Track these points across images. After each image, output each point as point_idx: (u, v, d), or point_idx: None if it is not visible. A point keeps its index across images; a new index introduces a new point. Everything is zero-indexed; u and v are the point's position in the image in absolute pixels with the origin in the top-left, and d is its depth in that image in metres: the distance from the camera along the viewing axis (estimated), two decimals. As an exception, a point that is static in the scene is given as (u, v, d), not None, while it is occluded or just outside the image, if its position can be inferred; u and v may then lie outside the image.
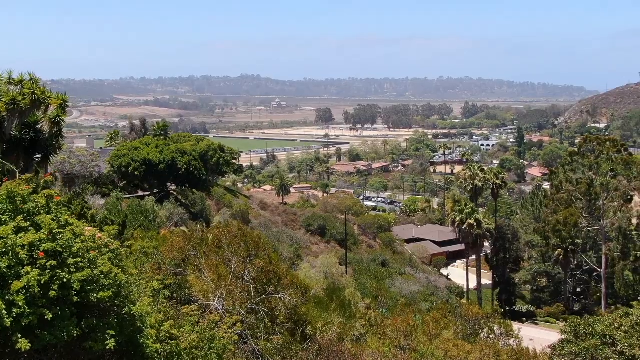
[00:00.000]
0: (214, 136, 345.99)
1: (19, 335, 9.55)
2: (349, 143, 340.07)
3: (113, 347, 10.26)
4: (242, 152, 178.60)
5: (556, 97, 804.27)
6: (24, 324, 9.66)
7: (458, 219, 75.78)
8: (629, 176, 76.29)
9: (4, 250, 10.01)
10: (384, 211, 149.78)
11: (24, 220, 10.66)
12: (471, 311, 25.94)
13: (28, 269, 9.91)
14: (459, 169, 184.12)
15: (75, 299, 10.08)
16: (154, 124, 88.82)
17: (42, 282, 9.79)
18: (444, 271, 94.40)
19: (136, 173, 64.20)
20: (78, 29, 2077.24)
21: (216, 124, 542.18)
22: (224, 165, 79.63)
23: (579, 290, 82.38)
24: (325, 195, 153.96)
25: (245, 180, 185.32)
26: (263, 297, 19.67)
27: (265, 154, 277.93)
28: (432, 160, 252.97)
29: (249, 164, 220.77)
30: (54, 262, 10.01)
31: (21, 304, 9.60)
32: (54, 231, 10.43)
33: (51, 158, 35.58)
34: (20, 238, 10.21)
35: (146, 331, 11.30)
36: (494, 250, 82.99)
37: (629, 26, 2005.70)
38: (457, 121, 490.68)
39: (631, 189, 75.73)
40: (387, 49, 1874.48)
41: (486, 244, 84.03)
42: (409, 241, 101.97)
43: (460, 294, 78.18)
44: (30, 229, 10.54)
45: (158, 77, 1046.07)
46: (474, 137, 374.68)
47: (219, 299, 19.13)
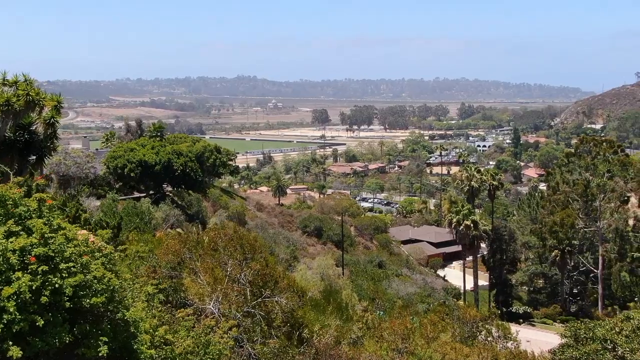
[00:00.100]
0: (210, 137, 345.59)
1: (10, 343, 9.35)
2: (345, 144, 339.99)
3: (106, 354, 10.06)
4: (238, 153, 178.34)
5: (552, 98, 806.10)
6: (14, 330, 9.46)
7: (455, 220, 75.61)
8: (625, 177, 76.25)
9: (-6, 255, 9.83)
10: (381, 212, 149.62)
11: (15, 224, 10.46)
12: (469, 314, 25.77)
13: (19, 274, 9.71)
14: (455, 170, 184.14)
15: (68, 304, 9.88)
16: (150, 125, 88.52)
17: (33, 288, 9.59)
18: (440, 272, 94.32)
19: (132, 174, 63.93)
20: (74, 30, 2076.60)
21: (212, 125, 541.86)
22: (220, 167, 79.38)
23: (575, 291, 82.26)
24: (321, 196, 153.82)
25: (242, 182, 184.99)
26: (259, 300, 19.47)
27: (262, 155, 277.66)
28: (428, 161, 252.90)
29: (245, 165, 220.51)
30: (45, 267, 9.81)
31: (12, 310, 9.40)
32: (45, 235, 10.22)
33: (46, 159, 35.38)
34: (11, 242, 10.01)
35: (140, 337, 11.11)
36: (491, 252, 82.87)
37: (624, 27, 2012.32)
38: (453, 122, 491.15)
39: (628, 190, 75.71)
40: (384, 49, 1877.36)
41: (483, 245, 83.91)
42: (405, 242, 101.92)
43: (457, 295, 78.01)
44: (21, 233, 10.35)
45: (154, 78, 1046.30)
46: (470, 138, 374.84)
47: (214, 302, 18.92)
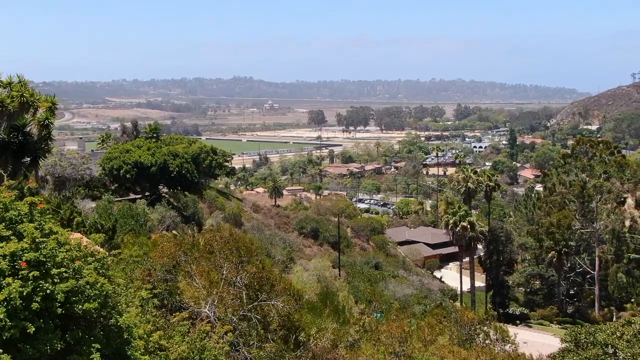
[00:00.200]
0: (206, 138, 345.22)
1: (0, 350, 9.16)
2: (341, 145, 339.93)
3: (99, 360, 9.87)
4: (234, 154, 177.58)
5: (548, 99, 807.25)
6: (5, 337, 9.24)
7: (451, 221, 75.50)
8: (622, 178, 76.30)
9: (-16, 260, 9.61)
10: (377, 213, 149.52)
11: (5, 228, 10.26)
12: (466, 316, 25.61)
13: (9, 280, 9.50)
14: (451, 170, 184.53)
15: (59, 310, 9.67)
16: (146, 126, 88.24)
17: (24, 294, 9.38)
18: (437, 274, 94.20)
19: (128, 176, 63.74)
20: (70, 31, 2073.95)
21: (208, 126, 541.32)
22: (216, 168, 79.23)
23: (572, 292, 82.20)
24: (317, 197, 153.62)
25: (238, 183, 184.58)
26: (255, 303, 19.28)
27: (258, 156, 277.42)
28: (424, 162, 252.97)
29: (241, 166, 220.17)
30: (36, 273, 9.61)
31: (2, 316, 9.19)
32: (37, 240, 10.01)
33: (41, 161, 35.09)
34: (2, 248, 9.81)
35: (134, 342, 10.91)
36: (487, 253, 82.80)
37: (620, 29, 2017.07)
38: (449, 123, 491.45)
39: (624, 191, 75.75)
40: (380, 50, 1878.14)
41: (479, 246, 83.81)
42: (402, 243, 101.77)
43: (453, 296, 77.88)
44: (12, 238, 10.13)
45: (150, 79, 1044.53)
46: (467, 139, 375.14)
47: (210, 306, 18.73)
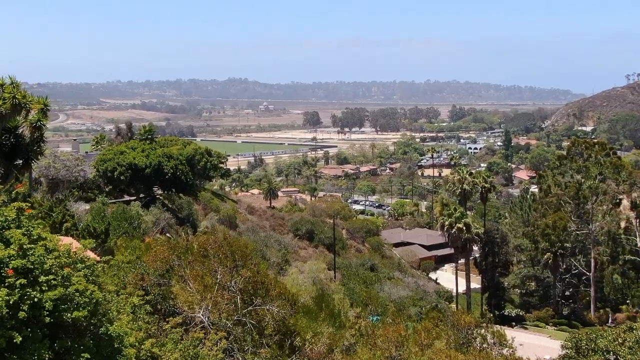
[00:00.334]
0: (201, 140, 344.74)
1: (-14, 361, 8.90)
2: (336, 146, 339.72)
3: (88, 370, 9.58)
4: (229, 155, 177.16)
5: (543, 100, 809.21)
6: (-9, 347, 8.98)
7: (447, 223, 75.26)
8: (617, 179, 76.28)
9: (-31, 268, 9.33)
10: (372, 215, 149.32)
11: (-9, 235, 9.98)
12: (463, 320, 25.38)
13: (-4, 288, 9.23)
14: (446, 172, 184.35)
15: (48, 319, 9.40)
16: (141, 128, 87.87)
17: (10, 302, 9.11)
18: (432, 275, 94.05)
19: (122, 177, 63.40)
20: (66, 32, 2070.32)
21: (204, 128, 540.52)
22: (211, 170, 78.97)
23: (567, 294, 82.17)
24: (313, 199, 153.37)
25: (233, 184, 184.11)
26: (250, 308, 19.02)
27: (253, 158, 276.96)
28: (419, 164, 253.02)
29: (236, 167, 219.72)
30: (24, 281, 9.33)
31: (-13, 326, 8.93)
32: (24, 247, 9.74)
33: (33, 163, 34.73)
34: (-12, 255, 9.53)
35: (125, 351, 10.63)
36: (483, 254, 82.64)
37: (615, 30, 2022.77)
38: (444, 124, 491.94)
39: (620, 192, 75.71)
40: (375, 52, 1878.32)
41: (475, 247, 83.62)
42: (397, 245, 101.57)
43: (449, 298, 77.73)
44: (-2, 244, 9.86)
45: (145, 81, 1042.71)
46: (462, 140, 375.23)
47: (204, 311, 18.47)
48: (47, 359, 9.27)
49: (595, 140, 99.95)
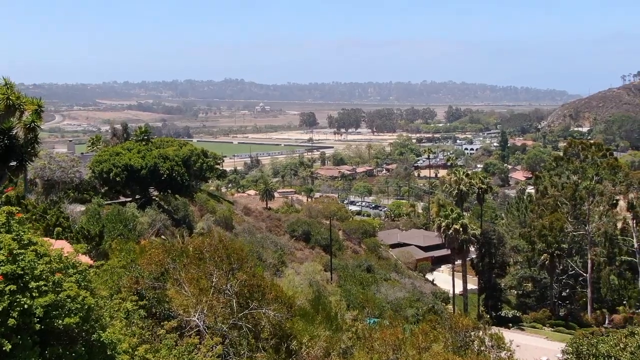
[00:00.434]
0: (197, 140, 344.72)
1: (-25, 369, 8.68)
2: (333, 147, 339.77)
3: (80, 378, 9.37)
4: (225, 156, 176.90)
5: (539, 101, 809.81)
6: (-21, 355, 8.77)
7: (444, 224, 75.09)
8: (614, 180, 76.20)
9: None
10: (369, 216, 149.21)
11: (-20, 240, 9.75)
12: (461, 322, 25.20)
13: (-16, 294, 9.01)
14: (443, 173, 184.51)
15: (38, 326, 9.18)
16: (137, 129, 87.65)
17: (0, 309, 8.89)
18: (429, 276, 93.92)
19: (118, 179, 63.18)
20: (61, 33, 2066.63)
21: (200, 129, 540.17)
22: (207, 171, 78.80)
23: (564, 295, 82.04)
24: (309, 200, 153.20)
25: (229, 185, 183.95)
26: (246, 312, 18.81)
27: (249, 159, 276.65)
28: (416, 165, 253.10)
29: (232, 168, 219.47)
30: (13, 287, 9.11)
31: (-24, 333, 8.71)
32: (14, 252, 9.51)
33: (28, 165, 34.48)
34: (-24, 260, 9.31)
35: (118, 358, 10.41)
36: (480, 255, 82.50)
37: (611, 31, 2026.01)
38: (440, 125, 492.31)
39: (616, 193, 75.65)
40: (371, 53, 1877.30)
41: (472, 248, 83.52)
42: (393, 246, 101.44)
43: (445, 299, 77.64)
44: (-13, 250, 9.63)
45: (141, 82, 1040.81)
46: (458, 141, 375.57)
47: (199, 315, 18.26)
48: (37, 366, 9.06)
49: (592, 141, 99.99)
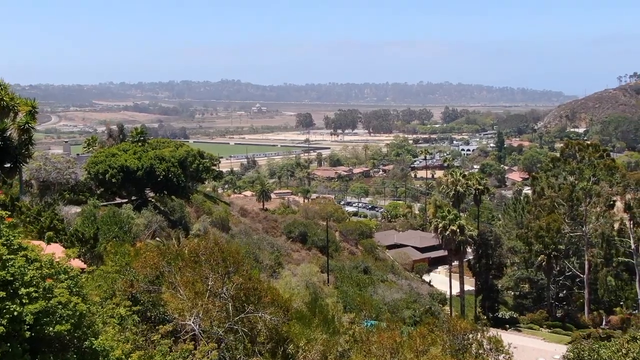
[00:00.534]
0: (194, 141, 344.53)
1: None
2: (329, 148, 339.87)
3: (72, 386, 9.14)
4: (222, 157, 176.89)
5: (535, 102, 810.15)
6: (-33, 364, 8.54)
7: (441, 225, 74.90)
8: (611, 181, 76.12)
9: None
10: (365, 217, 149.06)
11: (-31, 245, 9.51)
12: (459, 325, 25.00)
13: (-27, 301, 8.76)
14: (439, 173, 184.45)
15: (28, 333, 8.93)
16: (132, 130, 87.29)
17: (-12, 317, 8.67)
18: (426, 277, 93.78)
19: (113, 180, 62.80)
20: (57, 34, 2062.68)
21: (196, 129, 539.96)
22: (203, 172, 78.51)
23: (561, 296, 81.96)
24: (306, 201, 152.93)
25: (226, 186, 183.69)
26: (242, 315, 18.59)
27: (246, 159, 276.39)
28: (412, 165, 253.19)
29: (229, 169, 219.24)
30: (3, 293, 8.88)
31: (-36, 341, 8.47)
32: (3, 257, 9.27)
33: (23, 166, 34.16)
34: (-36, 266, 9.07)
35: (111, 365, 10.17)
36: (477, 257, 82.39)
37: (607, 32, 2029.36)
38: (437, 126, 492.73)
39: (613, 194, 75.55)
40: (367, 54, 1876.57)
41: (469, 249, 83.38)
42: (390, 247, 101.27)
43: (442, 300, 77.51)
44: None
45: (137, 82, 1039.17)
46: (454, 141, 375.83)
47: (195, 318, 18.04)
48: (27, 375, 8.82)
49: (589, 142, 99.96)
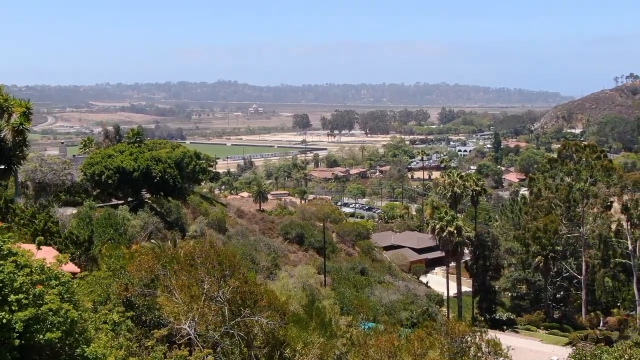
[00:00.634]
0: (190, 142, 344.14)
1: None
2: (326, 149, 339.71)
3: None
4: (219, 158, 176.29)
5: (532, 102, 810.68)
6: (-45, 373, 8.28)
7: (438, 226, 74.77)
8: (608, 182, 76.04)
9: None
10: (362, 217, 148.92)
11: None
12: (457, 328, 24.80)
13: (-39, 308, 8.51)
14: (436, 174, 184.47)
15: (18, 342, 8.67)
16: (129, 131, 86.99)
17: (-24, 324, 8.42)
18: (423, 278, 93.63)
19: (110, 181, 62.57)
20: (53, 34, 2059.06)
21: (193, 130, 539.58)
22: (199, 173, 78.21)
23: (558, 297, 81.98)
24: (303, 201, 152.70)
25: (222, 187, 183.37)
26: (238, 319, 18.37)
27: (243, 160, 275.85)
28: (409, 166, 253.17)
29: (225, 170, 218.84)
30: (-9, 300, 8.64)
31: (-49, 350, 8.22)
32: (-8, 263, 9.04)
33: (18, 167, 33.86)
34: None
35: (104, 372, 9.93)
36: (474, 258, 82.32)
37: (603, 33, 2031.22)
38: (434, 127, 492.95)
39: (611, 195, 75.49)
40: (364, 54, 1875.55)
41: (466, 250, 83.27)
42: (387, 248, 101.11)
43: (440, 302, 77.39)
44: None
45: (134, 83, 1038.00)
46: (451, 142, 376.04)
47: (190, 322, 17.81)
48: (17, 384, 8.58)
49: (586, 143, 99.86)
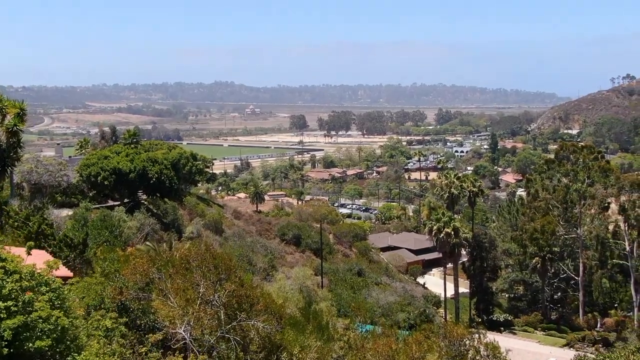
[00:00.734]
0: (187, 143, 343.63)
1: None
2: (323, 150, 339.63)
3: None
4: (215, 159, 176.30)
5: (528, 103, 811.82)
6: (-59, 383, 8.05)
7: (435, 227, 74.62)
8: (605, 183, 75.91)
9: None
10: (359, 218, 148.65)
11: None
12: (456, 331, 24.61)
13: (-53, 316, 8.28)
14: (433, 175, 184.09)
15: (6, 350, 8.43)
16: (125, 132, 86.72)
17: (-36, 333, 8.18)
18: (420, 280, 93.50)
19: (106, 182, 62.35)
20: (50, 35, 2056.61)
21: (190, 131, 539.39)
22: (196, 174, 78.11)
23: (556, 298, 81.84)
24: (299, 202, 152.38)
25: (219, 188, 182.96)
26: (234, 323, 18.15)
27: (239, 161, 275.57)
28: (406, 167, 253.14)
29: (222, 171, 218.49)
30: (-21, 308, 8.40)
31: (-62, 359, 7.99)
32: (-20, 270, 8.80)
33: (12, 169, 33.54)
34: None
35: (95, 380, 9.70)
36: (471, 259, 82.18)
37: (600, 33, 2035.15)
38: (431, 127, 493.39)
39: (608, 196, 75.36)
40: (361, 55, 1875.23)
41: (463, 252, 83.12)
42: (384, 249, 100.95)
43: (437, 303, 77.21)
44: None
45: (131, 84, 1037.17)
46: (448, 143, 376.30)
47: (186, 326, 17.59)
48: (5, 394, 8.35)
49: (583, 144, 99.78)
